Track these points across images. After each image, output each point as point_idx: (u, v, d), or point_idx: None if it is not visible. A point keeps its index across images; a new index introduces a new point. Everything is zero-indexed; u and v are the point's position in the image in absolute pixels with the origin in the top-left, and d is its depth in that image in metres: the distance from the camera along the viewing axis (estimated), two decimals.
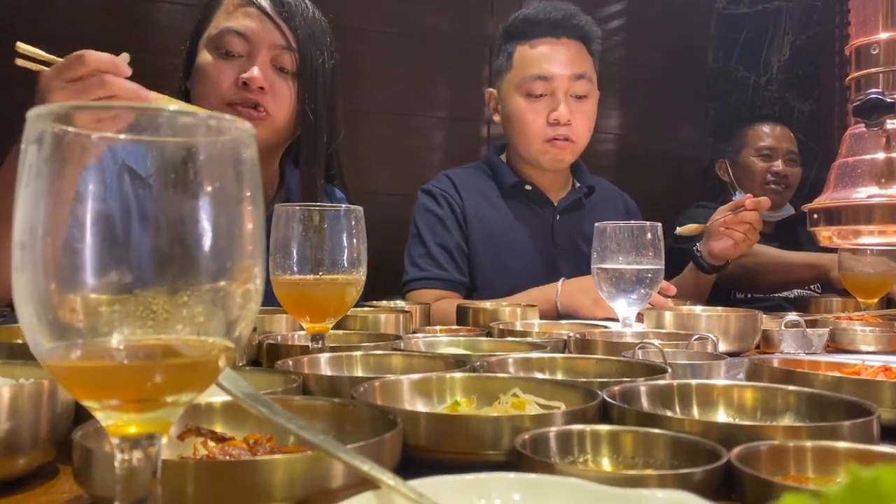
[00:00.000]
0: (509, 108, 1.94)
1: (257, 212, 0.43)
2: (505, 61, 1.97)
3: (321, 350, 0.95)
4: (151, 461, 0.41)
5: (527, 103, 1.90)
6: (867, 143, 1.07)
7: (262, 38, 1.45)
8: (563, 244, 1.99)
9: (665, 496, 0.41)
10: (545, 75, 1.88)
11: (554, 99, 1.88)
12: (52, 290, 0.39)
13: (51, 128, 0.39)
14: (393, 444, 0.53)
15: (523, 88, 1.90)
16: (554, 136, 1.89)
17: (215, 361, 0.42)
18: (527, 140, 1.92)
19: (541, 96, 1.88)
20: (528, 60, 1.90)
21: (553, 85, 1.88)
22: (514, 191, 1.99)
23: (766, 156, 2.67)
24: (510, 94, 1.93)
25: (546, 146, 1.91)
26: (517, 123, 1.92)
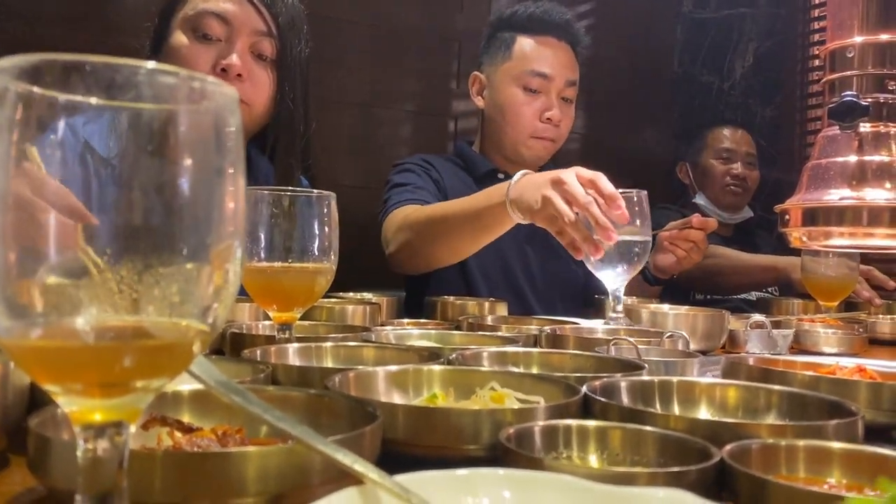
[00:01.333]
0: (502, 97, 1.95)
1: (239, 186, 0.40)
2: (502, 49, 1.97)
3: (288, 340, 0.92)
4: (118, 451, 0.38)
5: (523, 96, 1.92)
6: (840, 145, 1.07)
7: (243, 23, 1.40)
8: (532, 233, 1.93)
9: (665, 496, 0.40)
10: (546, 73, 1.91)
11: (548, 98, 1.92)
12: (10, 263, 0.36)
13: (13, 86, 0.36)
14: (373, 438, 0.50)
15: (521, 81, 1.92)
16: (542, 135, 1.93)
17: (189, 345, 0.39)
18: (515, 130, 1.94)
19: (535, 92, 1.91)
20: (532, 55, 1.93)
21: (550, 84, 1.92)
22: (487, 179, 1.97)
23: (725, 158, 2.69)
24: (505, 83, 1.94)
25: (532, 141, 1.93)
26: (509, 113, 1.94)
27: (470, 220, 1.48)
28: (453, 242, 1.55)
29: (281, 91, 1.44)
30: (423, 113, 2.92)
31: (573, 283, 2.03)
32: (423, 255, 1.63)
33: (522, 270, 1.94)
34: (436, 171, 1.96)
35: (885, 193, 1.02)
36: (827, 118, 1.08)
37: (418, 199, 1.77)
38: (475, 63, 2.30)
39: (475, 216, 1.45)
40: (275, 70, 1.44)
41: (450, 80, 2.96)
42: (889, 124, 1.04)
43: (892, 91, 1.04)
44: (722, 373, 0.83)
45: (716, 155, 2.71)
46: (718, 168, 2.69)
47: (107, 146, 0.37)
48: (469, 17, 2.98)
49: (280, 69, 1.44)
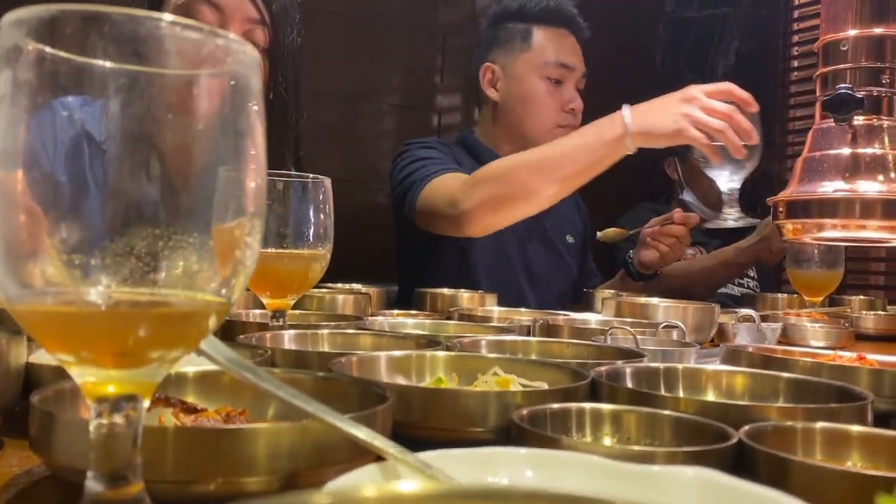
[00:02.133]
0: (524, 88, 1.93)
1: (260, 152, 0.38)
2: (519, 40, 1.95)
3: (282, 327, 0.90)
4: (132, 427, 0.37)
5: (547, 86, 1.92)
6: (833, 138, 1.07)
7: (236, 11, 1.38)
8: (533, 227, 1.96)
9: (695, 474, 0.39)
10: (568, 65, 1.93)
11: (568, 88, 1.94)
12: (24, 226, 0.34)
13: (26, 44, 0.34)
14: (384, 418, 0.49)
15: (544, 71, 1.92)
16: (565, 123, 1.93)
17: (207, 316, 0.38)
18: (539, 121, 1.93)
19: (558, 83, 1.92)
20: (553, 46, 1.93)
21: (571, 74, 1.94)
22: None
23: None
24: (527, 74, 1.93)
25: (557, 130, 1.91)
26: (533, 104, 1.93)
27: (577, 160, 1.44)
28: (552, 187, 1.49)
29: (273, 80, 1.42)
30: (407, 106, 2.91)
31: (568, 277, 2.03)
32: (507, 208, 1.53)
33: (522, 265, 1.93)
34: (452, 154, 1.91)
35: (878, 186, 1.03)
36: (821, 111, 1.09)
37: (444, 170, 1.70)
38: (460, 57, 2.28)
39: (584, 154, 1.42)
40: (267, 59, 1.42)
41: (434, 74, 2.94)
42: (882, 117, 1.05)
43: (886, 84, 1.05)
44: (721, 361, 0.83)
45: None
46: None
47: (123, 111, 0.35)
48: (453, 11, 2.96)
49: (272, 58, 1.42)
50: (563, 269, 2.01)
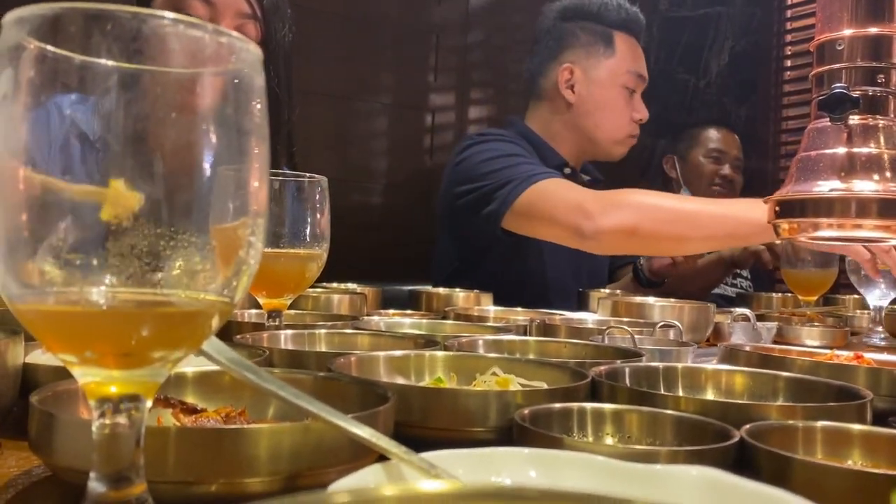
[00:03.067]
0: (607, 95, 1.92)
1: (263, 151, 0.38)
2: (602, 45, 1.93)
3: (278, 327, 0.90)
4: (135, 427, 0.36)
5: (623, 95, 1.92)
6: (829, 137, 1.07)
7: (227, 5, 1.37)
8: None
9: (699, 473, 0.39)
10: (644, 75, 1.95)
11: (636, 98, 1.94)
12: (24, 224, 0.34)
13: (27, 43, 0.34)
14: (386, 418, 0.49)
15: (623, 80, 1.92)
16: (634, 133, 1.96)
17: (210, 316, 0.37)
18: (614, 129, 1.93)
19: (633, 92, 1.93)
20: (635, 55, 1.94)
21: (641, 85, 1.95)
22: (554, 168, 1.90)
23: (715, 158, 2.69)
24: (611, 80, 1.92)
25: (628, 140, 1.95)
26: (611, 112, 1.92)
27: (727, 226, 1.45)
28: (692, 243, 1.54)
29: (266, 76, 1.41)
30: (401, 106, 2.90)
31: (601, 277, 2.06)
32: (640, 241, 1.56)
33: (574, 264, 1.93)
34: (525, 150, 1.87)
35: (873, 185, 1.03)
36: (816, 110, 1.09)
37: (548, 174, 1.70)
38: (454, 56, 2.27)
39: (735, 225, 1.43)
40: None
41: (427, 73, 2.94)
42: (878, 117, 1.05)
43: (882, 84, 1.05)
44: (719, 361, 0.83)
45: (706, 153, 2.70)
46: (709, 167, 2.68)
47: (125, 110, 0.35)
48: (446, 10, 2.96)
49: (264, 54, 1.41)
50: (601, 273, 2.05)
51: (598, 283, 2.02)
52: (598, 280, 2.03)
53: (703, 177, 2.69)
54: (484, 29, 2.96)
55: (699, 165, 2.71)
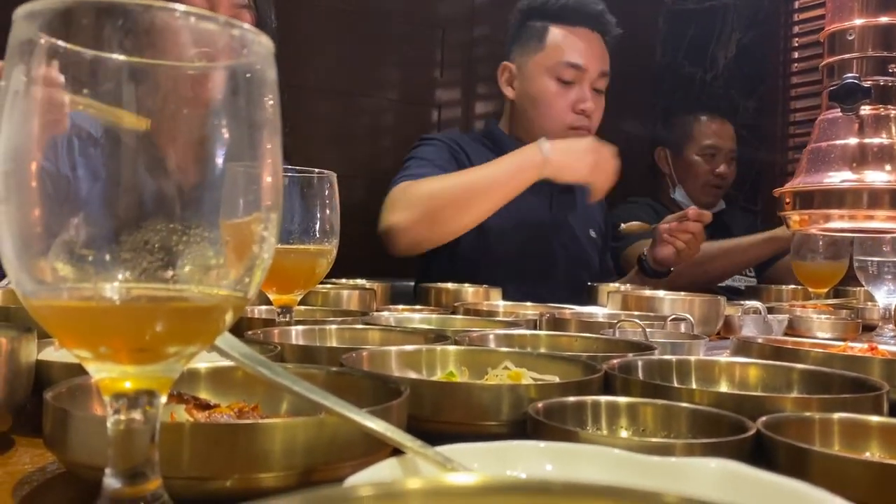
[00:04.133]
0: (535, 89, 1.93)
1: (276, 145, 0.38)
2: (535, 40, 1.94)
3: (289, 323, 0.90)
4: (150, 423, 0.36)
5: (557, 87, 1.90)
6: (840, 128, 1.07)
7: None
8: (560, 223, 1.98)
9: (718, 466, 0.38)
10: (580, 65, 1.90)
11: (581, 89, 1.91)
12: (38, 220, 0.34)
13: (39, 38, 0.34)
14: (400, 412, 0.49)
15: (555, 72, 1.90)
16: (576, 125, 1.91)
17: (224, 311, 0.37)
18: (549, 122, 1.91)
19: (569, 83, 1.90)
20: (566, 46, 1.91)
21: (583, 75, 1.91)
22: None
23: (710, 156, 2.61)
24: (538, 74, 1.92)
25: (567, 133, 1.90)
26: (543, 105, 1.92)
27: (506, 179, 1.56)
28: (483, 206, 1.60)
29: None
30: (406, 102, 2.90)
31: (588, 270, 2.02)
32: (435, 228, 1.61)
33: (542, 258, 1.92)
34: (464, 155, 1.91)
35: (885, 176, 1.02)
36: (827, 101, 1.08)
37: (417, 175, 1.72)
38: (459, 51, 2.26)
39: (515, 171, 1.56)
40: None
41: (433, 69, 2.93)
42: (889, 107, 1.04)
43: (893, 73, 1.04)
44: (732, 353, 0.83)
45: (700, 151, 2.62)
46: (703, 166, 2.61)
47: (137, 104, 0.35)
48: (452, 5, 2.95)
49: None
50: (584, 262, 2.02)
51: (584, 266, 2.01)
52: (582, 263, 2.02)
53: (698, 176, 2.62)
54: (490, 23, 2.95)
55: (693, 164, 2.63)
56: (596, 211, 2.13)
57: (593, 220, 2.11)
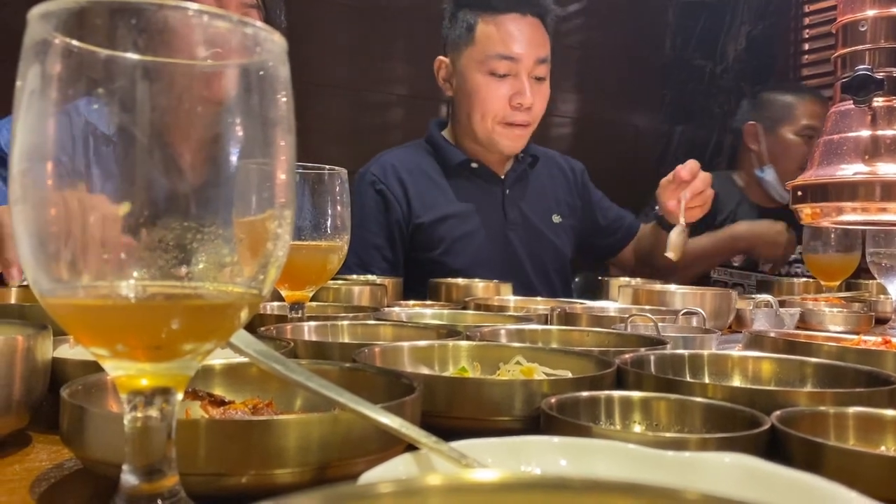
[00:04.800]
0: (468, 85, 1.82)
1: (290, 143, 0.38)
2: (464, 33, 1.82)
3: (301, 319, 0.90)
4: (166, 420, 0.37)
5: (488, 82, 1.78)
6: (852, 120, 1.06)
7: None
8: (515, 218, 1.92)
9: (732, 461, 0.38)
10: (512, 56, 1.76)
11: (517, 80, 1.78)
12: (54, 219, 0.34)
13: (53, 38, 0.34)
14: (413, 409, 0.49)
15: (486, 66, 1.78)
16: (513, 121, 1.80)
17: (239, 308, 0.37)
18: (485, 119, 1.81)
19: (504, 76, 1.78)
20: (495, 38, 1.78)
21: (518, 66, 1.77)
22: (460, 169, 1.89)
23: (809, 137, 2.31)
24: (469, 69, 1.81)
25: (503, 129, 1.81)
26: (476, 102, 1.80)
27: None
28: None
29: None
30: (415, 97, 2.90)
31: (557, 258, 1.98)
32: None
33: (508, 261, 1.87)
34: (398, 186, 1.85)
35: None
36: (839, 93, 1.07)
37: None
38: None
39: None
40: None
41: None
42: None
43: None
44: (744, 347, 0.82)
45: (799, 131, 2.34)
46: (801, 148, 2.32)
47: (151, 103, 0.35)
48: None
49: None
50: (548, 252, 1.96)
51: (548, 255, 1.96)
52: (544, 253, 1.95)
53: (794, 158, 2.31)
54: None
55: (790, 145, 2.36)
56: (560, 191, 2.03)
57: (556, 204, 2.01)
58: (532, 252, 1.93)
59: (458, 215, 1.86)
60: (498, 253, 1.86)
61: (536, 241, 1.93)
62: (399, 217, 1.84)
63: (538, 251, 1.94)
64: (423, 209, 1.85)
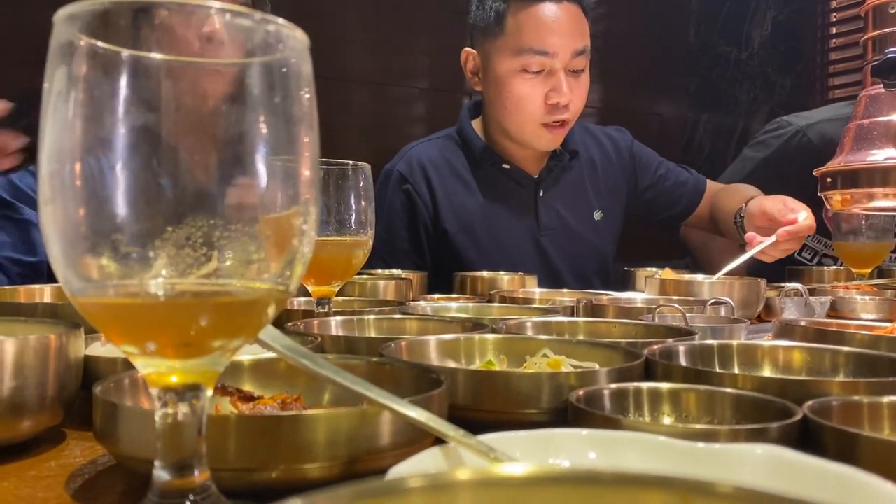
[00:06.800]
0: (499, 82, 1.65)
1: (313, 140, 0.38)
2: (493, 23, 1.64)
3: (328, 314, 0.90)
4: (197, 416, 0.37)
5: (521, 80, 1.61)
6: (883, 104, 1.04)
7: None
8: (549, 223, 1.79)
9: (764, 452, 0.38)
10: (546, 51, 1.59)
11: (554, 77, 1.60)
12: (83, 220, 0.34)
13: (78, 39, 0.34)
14: (440, 402, 0.49)
15: (517, 62, 1.60)
16: (549, 121, 1.64)
17: (267, 304, 0.38)
18: (520, 121, 1.66)
19: (538, 73, 1.61)
20: (527, 30, 1.59)
21: (553, 61, 1.60)
22: (491, 168, 1.78)
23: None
24: (500, 64, 1.63)
25: (541, 130, 1.66)
26: (509, 101, 1.65)
27: None
28: None
29: None
30: (437, 90, 2.89)
31: (596, 258, 1.87)
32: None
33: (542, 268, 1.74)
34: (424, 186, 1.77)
35: None
36: (870, 77, 1.05)
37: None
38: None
39: None
40: None
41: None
42: None
43: None
44: (774, 336, 0.81)
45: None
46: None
47: (177, 102, 0.35)
48: None
49: None
50: (588, 255, 1.85)
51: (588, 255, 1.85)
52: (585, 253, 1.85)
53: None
54: None
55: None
56: (606, 180, 1.88)
57: (598, 199, 1.87)
58: (569, 257, 1.81)
59: (486, 220, 1.75)
60: (530, 260, 1.74)
61: (574, 244, 1.81)
62: (426, 219, 1.76)
63: (576, 255, 1.82)
64: (449, 213, 1.75)
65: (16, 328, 0.60)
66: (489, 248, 1.75)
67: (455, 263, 1.70)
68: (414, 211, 1.77)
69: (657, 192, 1.95)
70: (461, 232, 1.76)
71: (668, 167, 1.99)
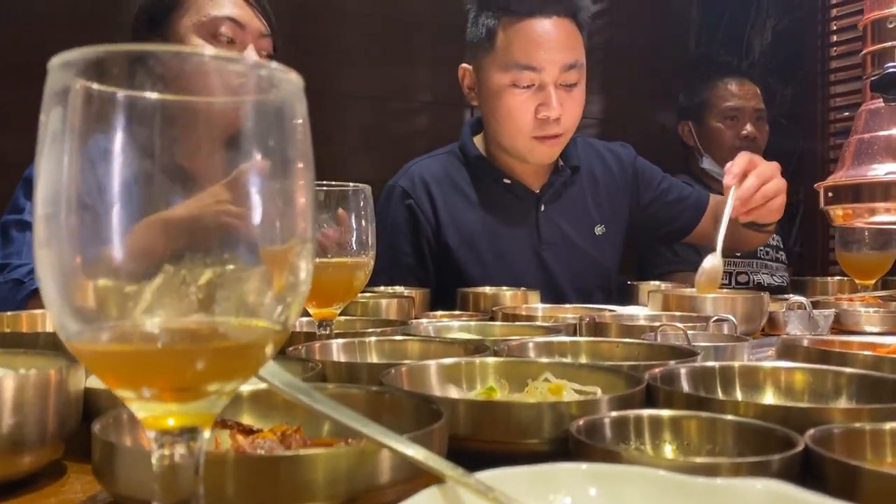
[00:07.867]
0: (492, 96, 1.68)
1: (309, 179, 0.38)
2: (485, 39, 1.68)
3: (329, 336, 0.90)
4: (194, 458, 0.37)
5: (512, 94, 1.64)
6: (884, 118, 1.04)
7: (252, 26, 1.45)
8: (551, 238, 1.80)
9: (764, 488, 0.38)
10: (535, 66, 1.61)
11: (544, 92, 1.63)
12: (78, 265, 0.34)
13: (74, 83, 0.34)
14: (441, 435, 0.49)
15: (507, 76, 1.63)
16: (542, 134, 1.66)
17: (263, 346, 0.38)
18: (512, 134, 1.69)
19: (528, 87, 1.63)
20: (515, 45, 1.62)
21: (542, 76, 1.62)
22: (491, 184, 1.79)
23: (732, 118, 2.45)
24: (492, 79, 1.66)
25: (533, 143, 1.68)
26: (501, 116, 1.68)
27: None
28: None
29: None
30: (439, 103, 2.90)
31: (598, 272, 1.86)
32: None
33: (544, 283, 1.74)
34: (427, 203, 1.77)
35: None
36: (869, 91, 1.05)
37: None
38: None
39: None
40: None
41: None
42: None
43: None
44: (777, 355, 0.81)
45: (721, 116, 2.46)
46: (726, 132, 2.45)
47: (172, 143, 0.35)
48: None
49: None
50: (590, 269, 1.84)
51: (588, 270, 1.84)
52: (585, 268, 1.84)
53: (724, 143, 2.44)
54: None
55: (717, 131, 2.47)
56: (607, 195, 1.88)
57: (600, 214, 1.87)
58: (570, 271, 1.81)
59: (488, 235, 1.76)
60: (532, 275, 1.74)
61: (576, 259, 1.81)
62: (428, 233, 1.77)
63: (578, 270, 1.81)
64: (451, 228, 1.76)
65: (17, 361, 0.60)
66: (491, 263, 1.75)
67: (457, 278, 1.71)
68: (417, 226, 1.78)
69: (659, 206, 1.95)
70: (463, 247, 1.76)
71: (671, 182, 1.99)
